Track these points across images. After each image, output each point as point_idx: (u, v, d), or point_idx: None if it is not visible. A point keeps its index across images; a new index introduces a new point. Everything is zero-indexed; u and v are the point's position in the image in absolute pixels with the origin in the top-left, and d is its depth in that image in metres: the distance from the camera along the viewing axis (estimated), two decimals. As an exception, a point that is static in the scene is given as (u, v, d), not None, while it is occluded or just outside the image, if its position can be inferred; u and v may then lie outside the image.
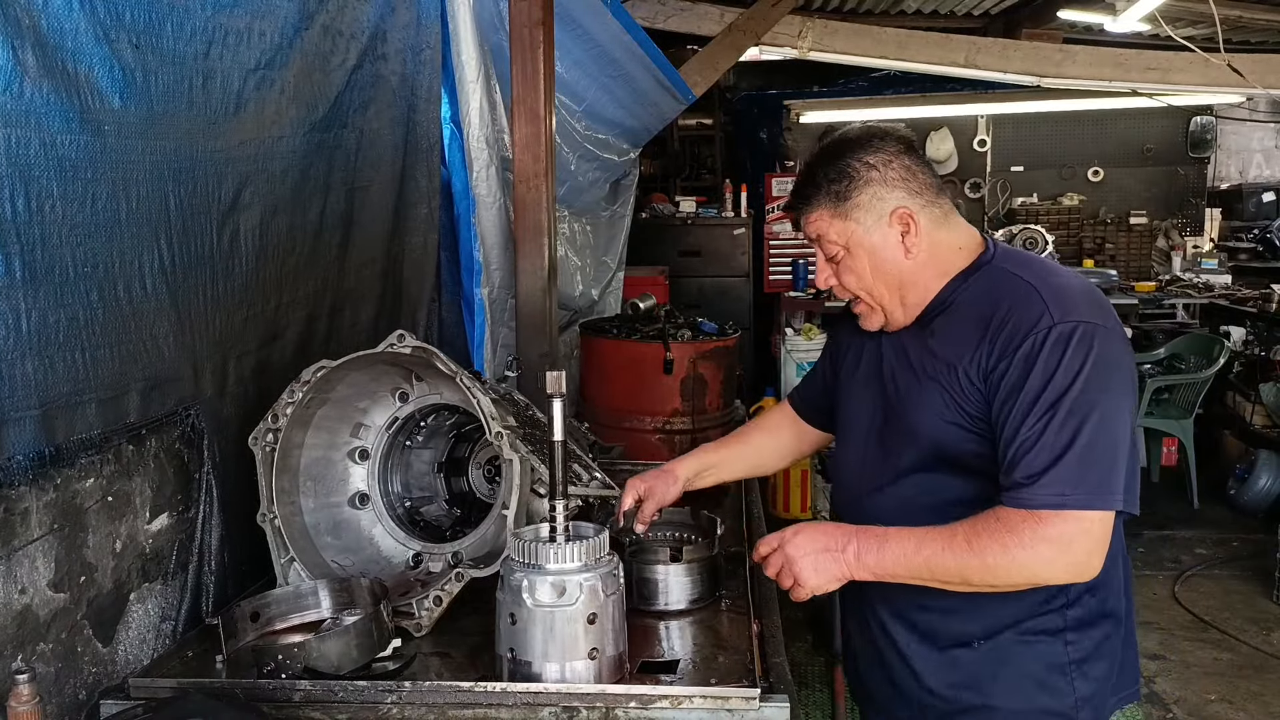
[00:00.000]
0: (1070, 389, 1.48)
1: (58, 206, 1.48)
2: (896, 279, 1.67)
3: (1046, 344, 1.51)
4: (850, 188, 1.64)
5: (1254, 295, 6.88)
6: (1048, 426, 1.48)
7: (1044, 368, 1.50)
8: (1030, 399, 1.50)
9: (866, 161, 1.64)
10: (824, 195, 1.66)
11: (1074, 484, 1.46)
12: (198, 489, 1.93)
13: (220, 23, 1.83)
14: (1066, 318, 1.52)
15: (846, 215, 1.65)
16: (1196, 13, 6.01)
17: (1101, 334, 1.52)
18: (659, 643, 1.80)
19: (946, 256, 1.67)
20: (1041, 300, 1.55)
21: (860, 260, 1.67)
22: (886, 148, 1.65)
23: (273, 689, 1.57)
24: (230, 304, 1.98)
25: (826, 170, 1.66)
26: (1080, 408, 1.48)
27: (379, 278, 2.74)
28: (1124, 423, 1.52)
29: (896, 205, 1.63)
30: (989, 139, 8.86)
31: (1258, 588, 4.93)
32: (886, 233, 1.64)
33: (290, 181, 2.17)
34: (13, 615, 1.48)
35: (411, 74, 2.86)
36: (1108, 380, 1.50)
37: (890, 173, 1.64)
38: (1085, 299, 1.57)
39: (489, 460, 2.19)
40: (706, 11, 6.40)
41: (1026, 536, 1.47)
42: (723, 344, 4.60)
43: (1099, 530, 1.48)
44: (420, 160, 3.00)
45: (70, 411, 1.53)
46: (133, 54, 1.61)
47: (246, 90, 1.95)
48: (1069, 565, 1.49)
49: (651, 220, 7.59)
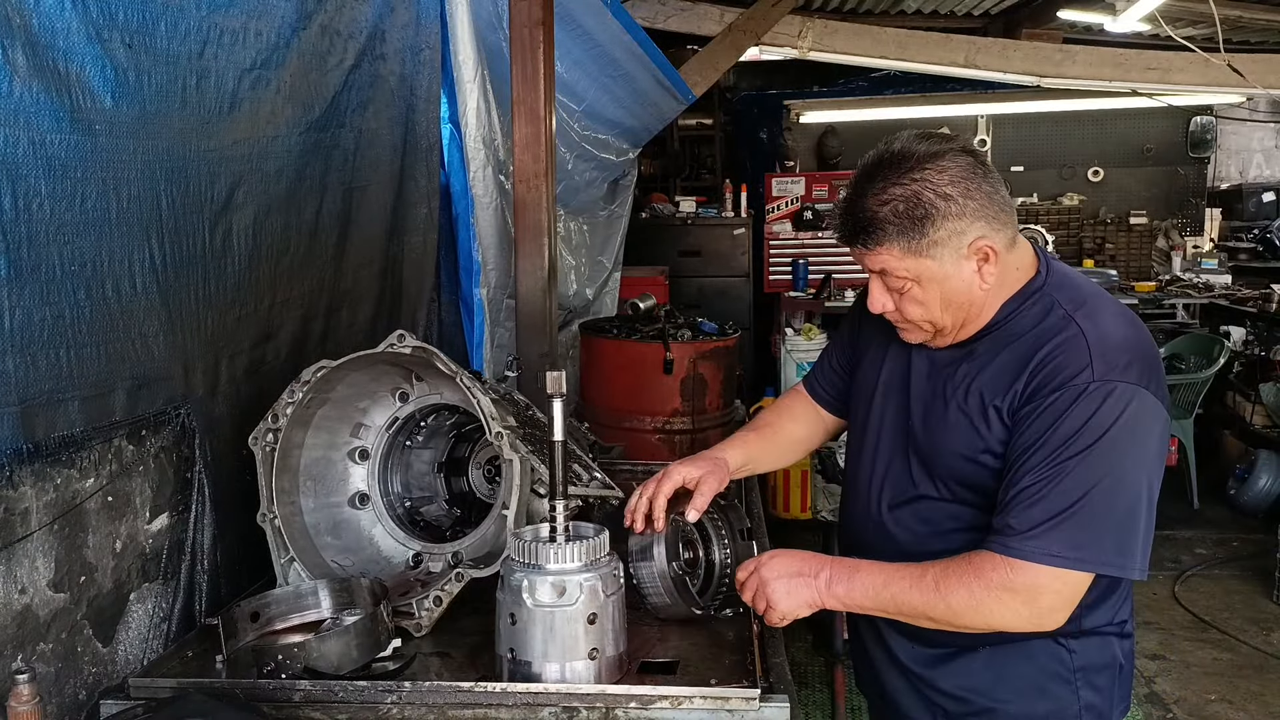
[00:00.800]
0: (1091, 448, 1.43)
1: (45, 205, 1.48)
2: (966, 308, 1.57)
3: (1080, 400, 1.45)
4: (927, 224, 1.48)
5: (1254, 295, 6.88)
6: (1057, 481, 1.44)
7: (1071, 423, 1.45)
8: (1048, 450, 1.45)
9: (944, 192, 1.48)
10: (895, 230, 1.49)
11: (1065, 544, 1.43)
12: (190, 489, 1.92)
13: (215, 22, 1.83)
14: (1108, 376, 1.45)
15: (923, 252, 1.50)
16: (1196, 13, 6.01)
17: (1140, 398, 1.46)
18: (659, 643, 1.80)
19: (1010, 279, 1.58)
20: (1088, 351, 1.48)
21: (931, 293, 1.54)
22: (961, 170, 1.49)
23: (273, 689, 1.57)
24: (222, 303, 1.98)
25: (894, 199, 1.48)
26: (1095, 469, 1.43)
27: (377, 278, 2.73)
28: (1140, 489, 1.47)
29: (976, 237, 1.50)
30: (989, 139, 8.85)
31: (1258, 588, 4.93)
32: (963, 265, 1.52)
33: (285, 181, 2.17)
34: (13, 615, 1.48)
35: (410, 74, 2.86)
36: (1130, 445, 1.45)
37: (971, 204, 1.48)
38: (1133, 356, 1.49)
39: (489, 460, 2.19)
40: (706, 11, 6.40)
41: (995, 583, 1.45)
42: (723, 344, 4.60)
43: (1072, 590, 1.47)
44: (419, 160, 3.00)
45: (51, 409, 1.53)
46: (125, 54, 1.61)
47: (241, 90, 1.95)
48: (1031, 617, 1.48)
49: (651, 220, 7.59)
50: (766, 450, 2.02)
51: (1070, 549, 1.43)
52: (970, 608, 1.48)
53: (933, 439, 1.63)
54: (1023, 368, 1.52)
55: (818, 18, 6.56)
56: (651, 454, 4.21)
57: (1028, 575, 1.44)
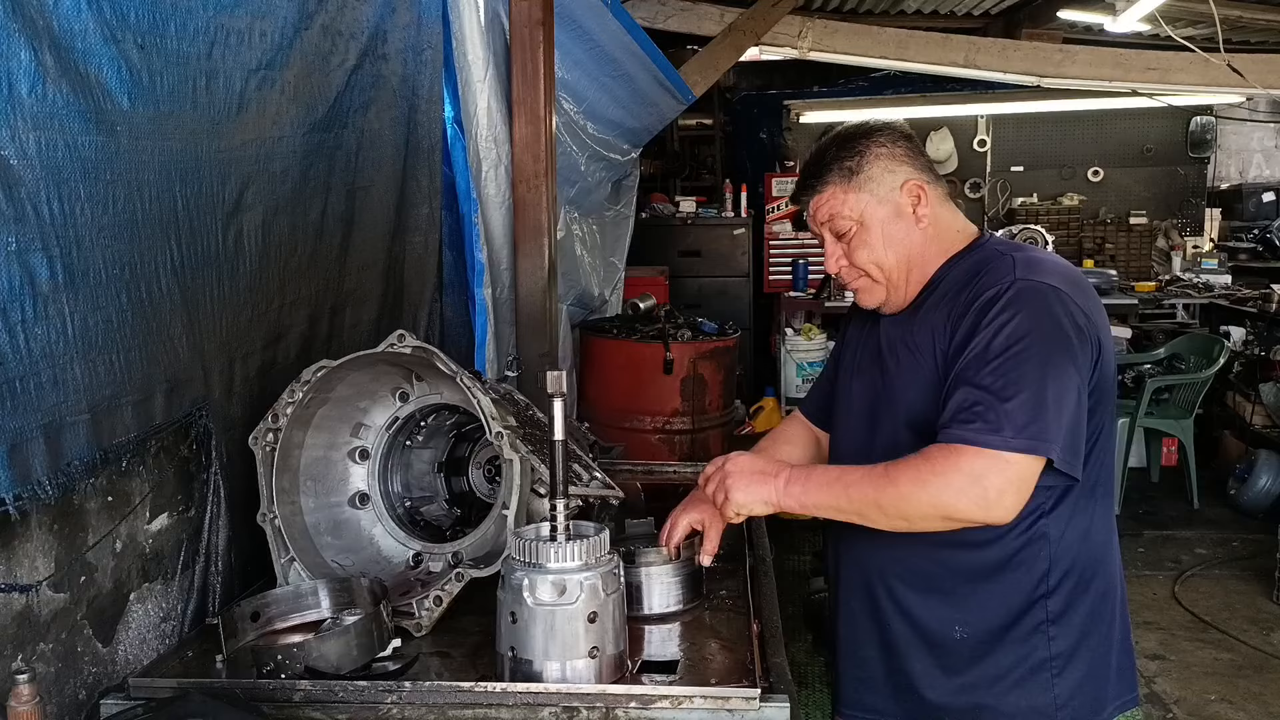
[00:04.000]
0: (1023, 340, 1.53)
1: (85, 208, 1.47)
2: (907, 250, 1.71)
3: (1004, 297, 1.56)
4: (862, 161, 1.71)
5: (1254, 295, 6.88)
6: (992, 371, 1.53)
7: (1000, 320, 1.55)
8: (981, 347, 1.55)
9: (876, 139, 1.72)
10: (836, 173, 1.72)
11: (1003, 429, 1.49)
12: (205, 489, 1.92)
13: (221, 23, 1.83)
14: (1031, 278, 1.58)
15: (860, 187, 1.70)
16: (1196, 13, 6.01)
17: (1063, 297, 1.57)
18: (659, 643, 1.80)
19: (949, 235, 1.73)
20: (1013, 266, 1.62)
21: (874, 232, 1.71)
22: (892, 133, 1.74)
23: (273, 689, 1.57)
24: (236, 304, 1.98)
25: (836, 152, 1.73)
26: (1031, 359, 1.51)
27: (380, 278, 2.73)
28: (1073, 384, 1.54)
29: (907, 177, 1.71)
30: (989, 139, 8.86)
31: (1258, 588, 4.93)
32: (900, 202, 1.70)
33: (291, 182, 2.17)
34: (13, 615, 1.48)
35: (412, 74, 2.86)
36: (1061, 339, 1.54)
37: (898, 149, 1.72)
38: (1059, 269, 1.63)
39: (489, 460, 2.19)
40: (706, 11, 6.40)
41: (941, 465, 1.51)
42: (723, 344, 4.60)
43: (1017, 473, 1.50)
44: (422, 160, 3.00)
45: (112, 414, 1.54)
46: (138, 54, 1.61)
47: (248, 90, 1.95)
48: (978, 498, 1.50)
49: (651, 220, 7.59)
50: None
51: (1009, 430, 1.49)
52: (917, 492, 1.53)
53: (897, 390, 1.72)
54: (960, 296, 1.65)
55: (818, 18, 6.56)
56: (652, 454, 4.21)
57: (972, 459, 1.50)
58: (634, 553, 1.91)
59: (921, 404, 1.66)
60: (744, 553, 2.19)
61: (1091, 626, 1.67)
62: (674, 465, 3.21)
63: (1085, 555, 1.67)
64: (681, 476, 2.73)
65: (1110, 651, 1.70)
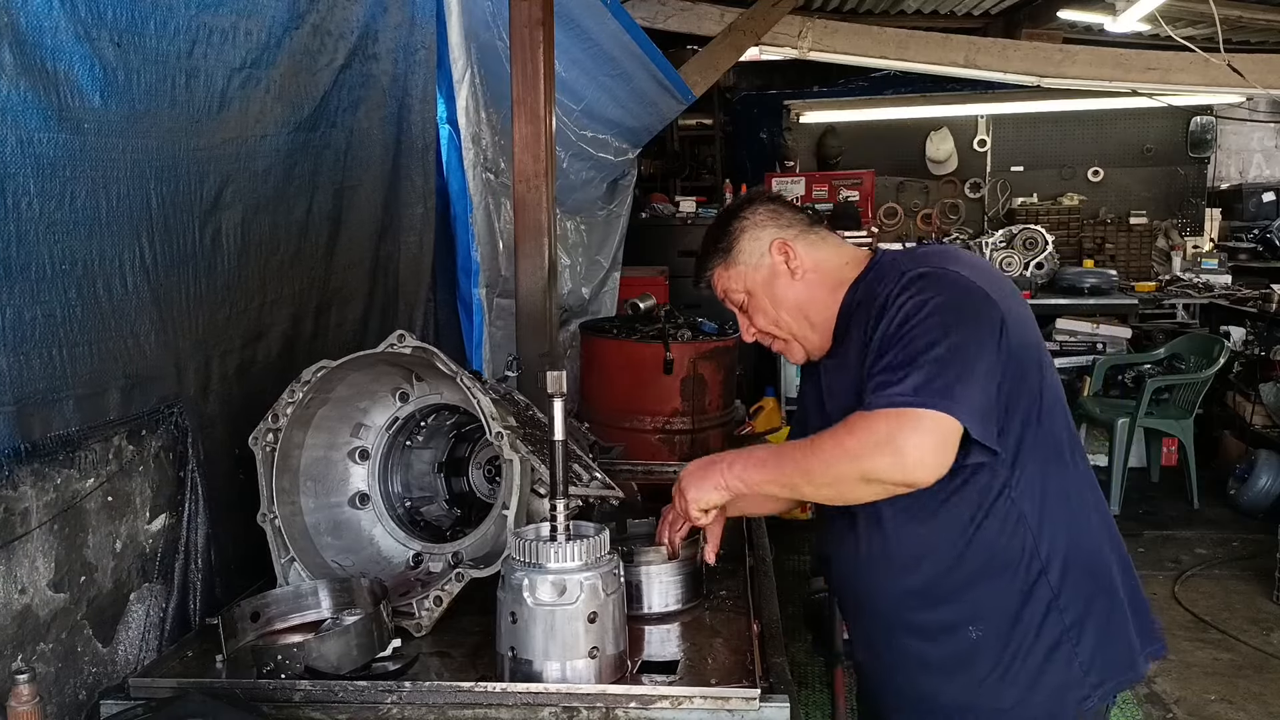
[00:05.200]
0: (919, 312, 1.59)
1: (34, 204, 1.47)
2: (796, 303, 1.83)
3: (897, 287, 1.64)
4: (731, 240, 1.86)
5: (1254, 295, 6.88)
6: (895, 347, 1.58)
7: (898, 306, 1.62)
8: (882, 333, 1.62)
9: (740, 216, 1.88)
10: (716, 256, 1.88)
11: (912, 389, 1.53)
12: (184, 488, 1.92)
13: (204, 21, 1.83)
14: (918, 266, 1.67)
15: (735, 262, 1.86)
16: (1196, 13, 6.01)
17: (952, 275, 1.64)
18: (659, 643, 1.80)
19: (834, 271, 1.82)
20: (902, 263, 1.71)
21: (760, 298, 1.85)
22: (752, 204, 1.89)
23: (273, 689, 1.57)
24: (213, 302, 1.98)
25: (713, 240, 1.90)
26: (930, 328, 1.57)
27: (367, 277, 2.72)
28: (978, 350, 1.57)
29: (772, 238, 1.83)
30: (989, 139, 8.85)
31: (1258, 588, 4.93)
32: (773, 263, 1.83)
33: (274, 180, 2.16)
34: (13, 615, 1.48)
35: (403, 74, 2.85)
36: (959, 309, 1.60)
37: (757, 218, 1.86)
38: (945, 258, 1.70)
39: (489, 460, 2.19)
40: (706, 11, 6.40)
41: (856, 428, 1.56)
42: (723, 344, 4.60)
43: (929, 429, 1.52)
44: (415, 160, 2.99)
45: (47, 408, 1.52)
46: (114, 52, 1.61)
47: (231, 89, 1.95)
48: (894, 452, 1.52)
49: (651, 220, 7.58)
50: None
51: (916, 393, 1.52)
52: (838, 456, 1.57)
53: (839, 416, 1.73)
54: (867, 311, 1.70)
55: (818, 18, 6.57)
56: (652, 454, 4.21)
57: (885, 420, 1.54)
58: (634, 552, 1.92)
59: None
60: (744, 553, 2.19)
61: (1096, 587, 1.69)
62: (674, 465, 3.19)
63: (1070, 519, 1.68)
64: (681, 476, 2.73)
65: (1123, 604, 1.71)
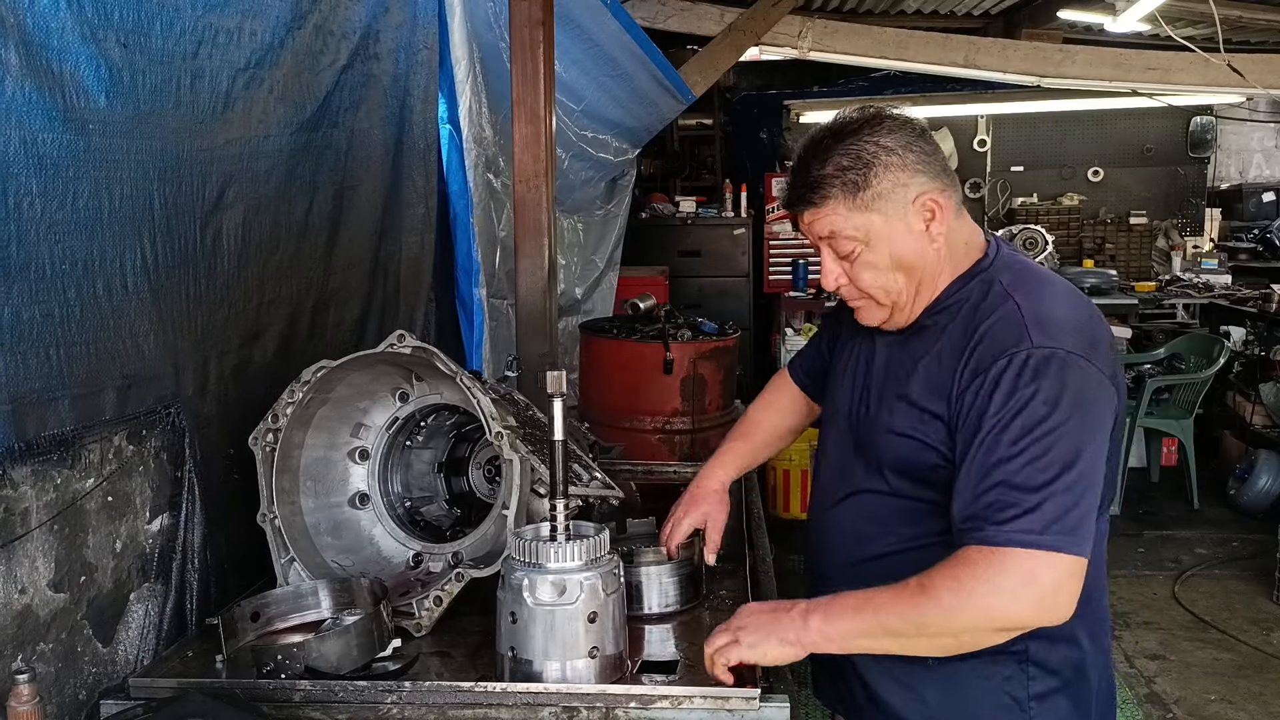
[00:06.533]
0: (1048, 420, 1.37)
1: (36, 204, 1.47)
2: (919, 273, 1.53)
3: (1020, 369, 1.39)
4: (870, 175, 1.47)
5: (1254, 295, 6.87)
6: (1022, 460, 1.36)
7: (1018, 395, 1.38)
8: (1000, 426, 1.38)
9: (884, 144, 1.48)
10: (838, 185, 1.48)
11: (1047, 524, 1.33)
12: (180, 488, 1.92)
13: (210, 22, 1.83)
14: (1046, 344, 1.41)
15: (867, 206, 1.48)
16: (1196, 13, 6.01)
17: (1081, 365, 1.40)
18: (659, 643, 1.80)
19: (960, 249, 1.56)
20: (1023, 323, 1.44)
21: (881, 254, 1.51)
22: (900, 129, 1.50)
23: (273, 689, 1.57)
24: (212, 302, 1.98)
25: (838, 157, 1.48)
26: (1060, 442, 1.36)
27: (366, 277, 2.72)
28: (1101, 465, 1.42)
29: (920, 190, 1.49)
30: (989, 139, 8.86)
31: (1258, 588, 4.93)
32: (910, 219, 1.49)
33: (275, 181, 2.16)
34: (13, 615, 1.48)
35: (404, 74, 2.85)
36: (1087, 415, 1.38)
37: (910, 156, 1.49)
38: (1072, 328, 1.45)
39: (489, 460, 2.19)
40: (706, 11, 6.40)
41: (984, 571, 1.34)
42: (723, 344, 4.59)
43: (1067, 569, 1.35)
44: (416, 160, 2.99)
45: (42, 407, 1.52)
46: (120, 53, 1.61)
47: (235, 90, 1.95)
48: (1036, 601, 1.35)
49: (651, 220, 7.59)
50: (757, 454, 2.05)
51: (1053, 529, 1.33)
52: (963, 604, 1.35)
53: (874, 423, 1.59)
54: (963, 346, 1.48)
55: (818, 18, 6.57)
56: (651, 454, 4.20)
57: (1021, 561, 1.33)
58: (634, 552, 1.92)
59: (906, 453, 1.53)
60: (744, 553, 2.19)
61: (1077, 673, 1.55)
62: (674, 465, 3.20)
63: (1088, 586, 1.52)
64: (681, 476, 2.73)
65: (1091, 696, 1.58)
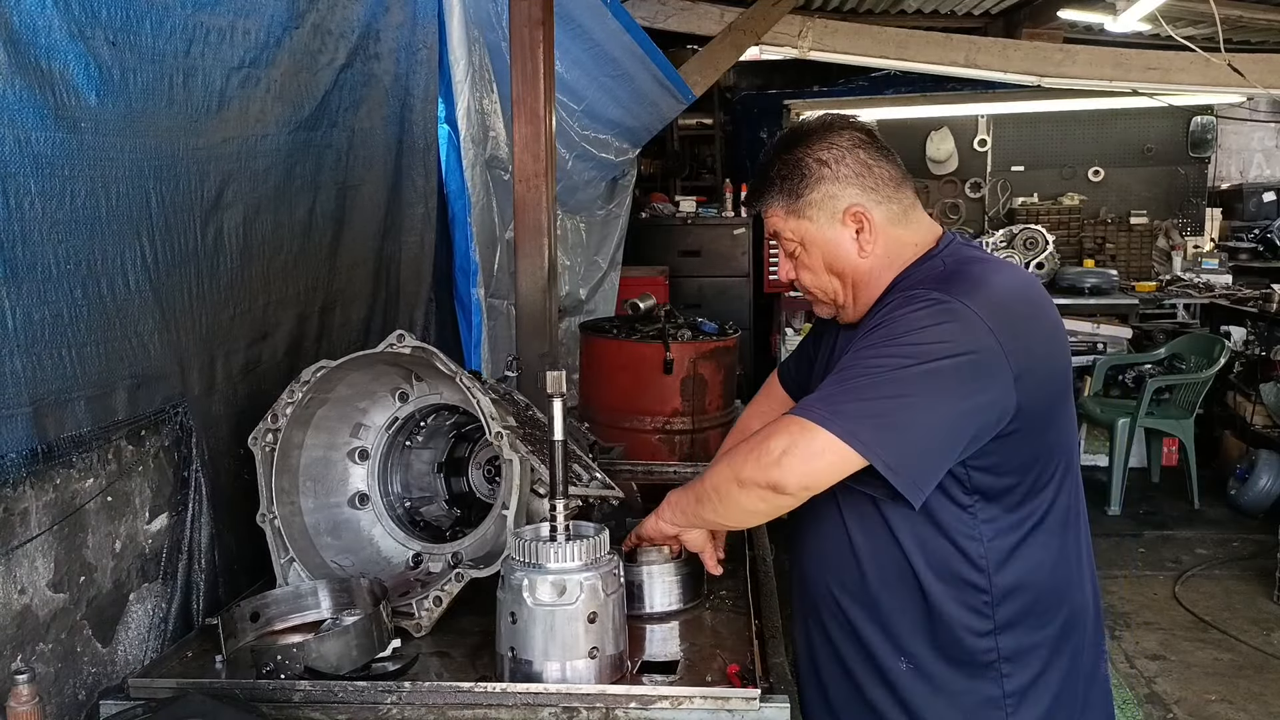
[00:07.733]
0: (893, 345, 1.44)
1: (36, 203, 1.47)
2: (851, 276, 1.62)
3: (908, 300, 1.48)
4: (803, 185, 1.60)
5: (1254, 295, 6.88)
6: (853, 360, 1.46)
7: (889, 320, 1.47)
8: (859, 346, 1.49)
9: (819, 157, 1.59)
10: (777, 192, 1.63)
11: (827, 405, 1.43)
12: (187, 488, 1.92)
13: (201, 21, 1.83)
14: (946, 292, 1.46)
15: (800, 213, 1.61)
16: (1197, 13, 6.01)
17: (967, 315, 1.43)
18: (659, 643, 1.80)
19: (900, 252, 1.61)
20: (935, 279, 1.52)
21: (815, 258, 1.63)
22: (841, 141, 1.60)
23: (273, 689, 1.57)
24: (216, 302, 1.98)
25: (780, 165, 1.63)
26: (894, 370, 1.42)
27: (370, 277, 2.73)
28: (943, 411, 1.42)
29: (850, 203, 1.58)
30: (989, 139, 8.85)
31: (1258, 588, 4.93)
32: (840, 231, 1.60)
33: (274, 180, 2.16)
34: (13, 615, 1.48)
35: (404, 73, 2.85)
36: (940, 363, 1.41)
37: (843, 169, 1.58)
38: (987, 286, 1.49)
39: (489, 460, 2.19)
40: (706, 11, 6.40)
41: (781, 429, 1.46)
42: (723, 344, 4.59)
43: (816, 445, 1.41)
44: (416, 160, 2.99)
45: (60, 409, 1.53)
46: (109, 51, 1.60)
47: (230, 89, 1.94)
48: (761, 456, 1.46)
49: (651, 220, 7.59)
50: None
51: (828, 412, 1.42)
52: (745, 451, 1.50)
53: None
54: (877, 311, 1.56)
55: (818, 17, 6.57)
56: (651, 454, 4.21)
57: (786, 426, 1.45)
58: (634, 552, 1.91)
59: None
60: (744, 553, 2.19)
61: (1052, 661, 1.57)
62: (674, 465, 3.20)
63: (1048, 588, 1.57)
64: (681, 477, 2.73)
65: (1078, 685, 1.61)
